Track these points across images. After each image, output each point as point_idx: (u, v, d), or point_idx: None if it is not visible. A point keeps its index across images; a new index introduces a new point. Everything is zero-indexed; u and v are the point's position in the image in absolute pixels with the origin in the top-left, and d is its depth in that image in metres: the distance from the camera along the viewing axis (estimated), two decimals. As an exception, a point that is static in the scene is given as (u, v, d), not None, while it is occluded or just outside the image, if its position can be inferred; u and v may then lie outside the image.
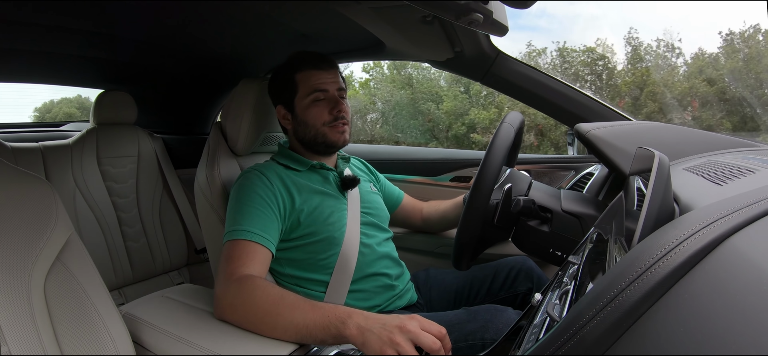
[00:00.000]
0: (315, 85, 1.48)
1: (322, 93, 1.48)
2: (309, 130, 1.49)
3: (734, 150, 1.38)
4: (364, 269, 1.44)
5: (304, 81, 1.49)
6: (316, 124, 1.48)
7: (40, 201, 1.02)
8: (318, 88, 1.48)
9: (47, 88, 24.63)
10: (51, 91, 29.23)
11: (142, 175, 2.63)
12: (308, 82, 1.49)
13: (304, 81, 1.49)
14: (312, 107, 1.48)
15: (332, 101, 1.49)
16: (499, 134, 1.33)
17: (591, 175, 1.95)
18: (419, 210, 1.90)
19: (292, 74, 1.51)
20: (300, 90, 1.49)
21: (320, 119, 1.48)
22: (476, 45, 1.84)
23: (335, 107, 1.49)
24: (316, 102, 1.48)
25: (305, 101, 1.48)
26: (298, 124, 1.51)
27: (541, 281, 1.56)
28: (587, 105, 1.96)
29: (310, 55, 1.52)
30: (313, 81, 1.48)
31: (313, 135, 1.49)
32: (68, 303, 0.98)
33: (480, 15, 1.16)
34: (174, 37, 2.12)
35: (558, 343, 0.52)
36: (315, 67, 1.49)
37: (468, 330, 1.27)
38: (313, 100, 1.48)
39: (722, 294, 0.41)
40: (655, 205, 0.69)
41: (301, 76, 1.49)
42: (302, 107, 1.49)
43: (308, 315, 1.07)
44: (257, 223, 1.28)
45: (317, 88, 1.48)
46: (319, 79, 1.49)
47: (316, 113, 1.48)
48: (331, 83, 1.50)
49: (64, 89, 23.37)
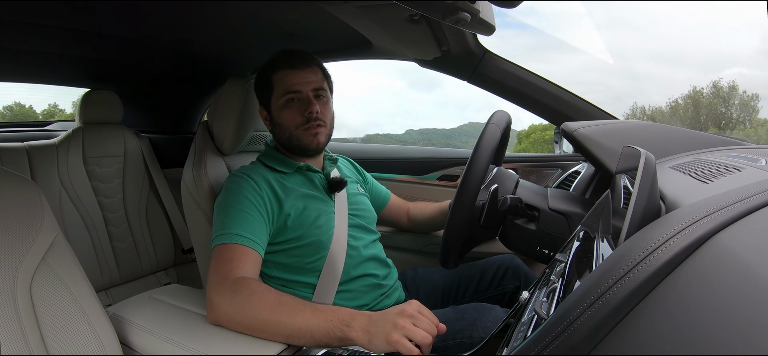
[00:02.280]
0: (288, 86, 1.46)
1: (295, 94, 1.46)
2: (283, 132, 1.48)
3: (720, 148, 1.39)
4: (351, 271, 1.44)
5: (278, 81, 1.47)
6: (289, 126, 1.46)
7: (25, 202, 1.01)
8: (291, 88, 1.45)
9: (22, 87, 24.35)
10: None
11: (129, 174, 2.61)
12: (282, 82, 1.46)
13: (279, 82, 1.47)
14: (285, 109, 1.46)
15: (305, 102, 1.46)
16: (485, 134, 1.33)
17: (578, 173, 1.96)
18: (405, 210, 1.90)
19: (269, 75, 1.49)
20: (275, 91, 1.48)
21: (293, 122, 1.46)
22: (463, 44, 1.85)
23: (307, 109, 1.45)
24: (290, 103, 1.46)
25: (279, 102, 1.47)
26: (274, 126, 1.51)
27: (528, 279, 1.57)
28: (574, 104, 1.97)
29: (286, 55, 1.49)
30: (287, 81, 1.46)
31: (287, 137, 1.48)
32: (55, 305, 0.98)
33: (467, 14, 1.16)
34: (160, 36, 2.10)
35: (546, 341, 0.52)
36: (290, 67, 1.47)
37: (456, 328, 1.28)
38: (286, 102, 1.46)
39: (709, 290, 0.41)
40: (641, 203, 0.69)
41: (277, 77, 1.48)
42: (277, 109, 1.48)
43: (310, 320, 1.07)
44: (246, 226, 1.27)
45: (290, 89, 1.45)
46: (293, 79, 1.46)
47: (289, 115, 1.46)
48: (305, 83, 1.46)
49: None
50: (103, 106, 2.53)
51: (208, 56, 2.42)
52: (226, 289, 1.14)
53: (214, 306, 1.13)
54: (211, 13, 1.82)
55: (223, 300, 1.13)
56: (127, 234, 2.56)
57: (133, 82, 2.81)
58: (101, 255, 2.42)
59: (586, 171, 1.91)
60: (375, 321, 1.05)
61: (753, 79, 42.35)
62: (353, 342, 1.05)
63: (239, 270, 1.19)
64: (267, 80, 1.49)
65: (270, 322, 1.08)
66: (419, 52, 1.95)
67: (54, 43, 2.08)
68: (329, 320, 1.07)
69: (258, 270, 1.27)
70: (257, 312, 1.09)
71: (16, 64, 2.32)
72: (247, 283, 1.14)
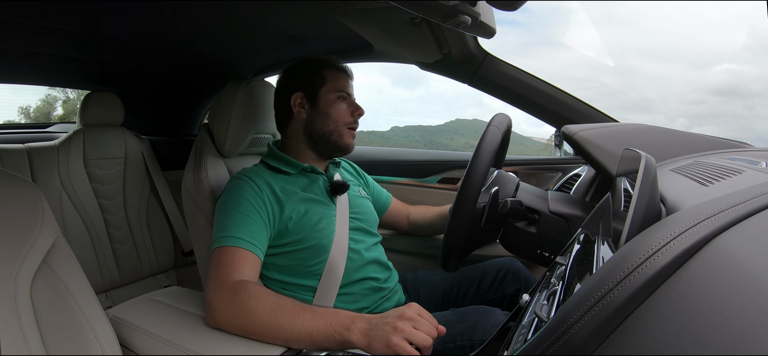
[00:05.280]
0: (343, 86, 1.53)
1: (346, 95, 1.53)
2: (329, 123, 1.51)
3: (720, 151, 1.39)
4: (352, 274, 1.44)
5: (333, 78, 1.53)
6: (338, 120, 1.51)
7: (26, 204, 1.01)
8: (345, 90, 1.53)
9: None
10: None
11: (129, 176, 2.61)
12: (337, 80, 1.53)
13: (333, 78, 1.53)
14: (338, 103, 1.52)
15: (354, 105, 1.55)
16: (485, 137, 1.33)
17: (578, 176, 1.96)
18: (406, 214, 1.91)
19: (320, 68, 1.54)
20: (328, 84, 1.52)
21: (343, 118, 1.52)
22: (464, 47, 1.85)
23: (356, 111, 1.55)
24: (342, 100, 1.52)
25: (332, 95, 1.52)
26: (318, 114, 1.52)
27: (528, 282, 1.57)
28: (574, 107, 1.97)
29: (338, 60, 1.58)
30: (341, 82, 1.53)
31: (330, 130, 1.51)
32: (55, 307, 0.97)
33: (468, 17, 1.16)
34: (161, 38, 2.10)
35: (546, 344, 0.52)
36: (343, 71, 1.56)
37: (456, 331, 1.28)
38: (339, 97, 1.52)
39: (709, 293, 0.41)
40: (641, 206, 0.69)
41: (330, 73, 1.53)
42: (328, 100, 1.51)
43: (310, 323, 1.07)
44: (246, 230, 1.27)
45: (344, 90, 1.53)
46: (346, 82, 1.55)
47: (342, 110, 1.52)
48: (352, 90, 1.58)
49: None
50: (104, 108, 2.53)
51: (209, 59, 2.42)
52: (224, 292, 1.14)
53: (212, 310, 1.13)
54: (212, 16, 1.82)
55: (222, 304, 1.13)
56: (127, 237, 2.56)
57: (134, 84, 2.81)
58: (101, 257, 2.42)
59: (586, 174, 1.91)
60: (375, 324, 1.05)
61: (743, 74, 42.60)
62: (353, 345, 1.05)
63: (238, 273, 1.19)
64: (318, 71, 1.54)
65: (269, 326, 1.08)
66: (420, 55, 1.95)
67: (55, 45, 2.08)
68: (329, 324, 1.07)
69: (257, 273, 1.27)
70: (256, 315, 1.09)
71: (17, 65, 2.32)
72: (246, 287, 1.14)
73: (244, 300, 1.11)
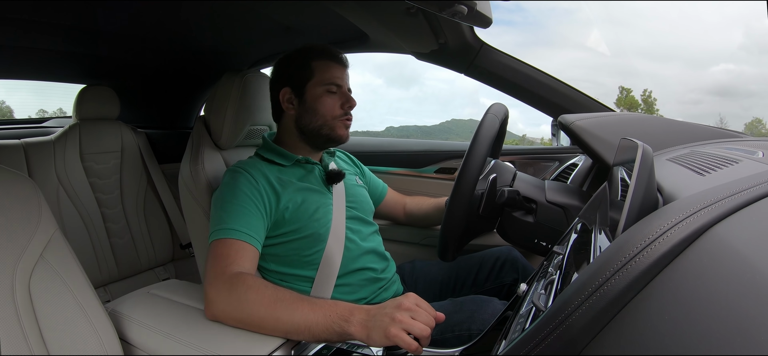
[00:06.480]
0: (331, 78, 1.48)
1: (336, 86, 1.49)
2: (317, 119, 1.48)
3: (717, 141, 1.39)
4: (349, 264, 1.44)
5: (320, 70, 1.48)
6: (326, 114, 1.48)
7: (23, 199, 1.01)
8: (334, 81, 1.48)
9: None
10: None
11: (126, 170, 2.61)
12: (325, 72, 1.48)
13: (321, 70, 1.48)
14: (325, 97, 1.48)
15: (344, 96, 1.50)
16: (483, 125, 1.32)
17: (575, 165, 1.96)
18: (402, 205, 1.91)
19: (308, 60, 1.50)
20: (316, 77, 1.48)
21: (331, 111, 1.48)
22: (460, 37, 1.85)
23: (347, 102, 1.50)
24: (330, 93, 1.48)
25: (319, 89, 1.48)
26: (306, 110, 1.50)
27: (526, 271, 1.57)
28: (571, 96, 1.97)
29: (329, 48, 1.52)
30: (330, 73, 1.48)
31: (319, 125, 1.49)
32: (53, 302, 0.98)
33: (464, 7, 1.16)
34: (156, 30, 2.10)
35: (544, 333, 0.52)
36: (333, 60, 1.50)
37: (454, 321, 1.28)
38: (327, 91, 1.48)
39: (706, 282, 0.41)
40: (638, 195, 0.69)
41: (318, 65, 1.49)
42: (315, 95, 1.48)
43: (309, 315, 1.07)
44: (243, 222, 1.27)
45: (333, 81, 1.48)
46: (336, 72, 1.49)
47: (329, 104, 1.48)
48: (345, 79, 1.52)
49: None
50: (100, 102, 2.52)
51: (205, 51, 2.41)
52: (222, 285, 1.14)
53: (211, 302, 1.13)
54: (207, 8, 1.81)
55: (220, 296, 1.12)
56: (125, 230, 2.56)
57: (130, 77, 2.80)
58: (99, 252, 2.42)
59: (583, 163, 1.91)
60: (373, 315, 1.05)
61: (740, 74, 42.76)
62: (352, 337, 1.05)
63: (236, 265, 1.19)
64: (305, 64, 1.50)
65: (268, 318, 1.08)
66: (416, 45, 1.95)
67: (50, 39, 2.07)
68: (328, 315, 1.07)
69: (255, 265, 1.27)
70: (254, 307, 1.09)
71: (12, 60, 2.31)
72: (243, 279, 1.14)
73: (242, 292, 1.11)
